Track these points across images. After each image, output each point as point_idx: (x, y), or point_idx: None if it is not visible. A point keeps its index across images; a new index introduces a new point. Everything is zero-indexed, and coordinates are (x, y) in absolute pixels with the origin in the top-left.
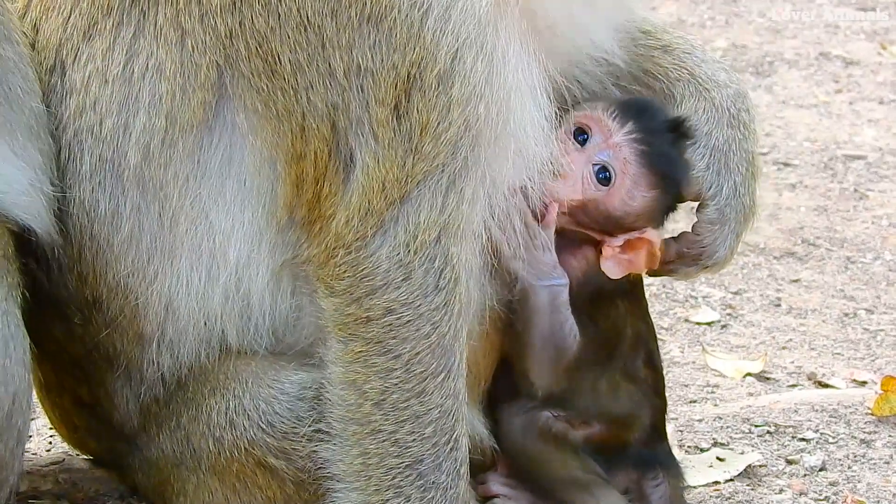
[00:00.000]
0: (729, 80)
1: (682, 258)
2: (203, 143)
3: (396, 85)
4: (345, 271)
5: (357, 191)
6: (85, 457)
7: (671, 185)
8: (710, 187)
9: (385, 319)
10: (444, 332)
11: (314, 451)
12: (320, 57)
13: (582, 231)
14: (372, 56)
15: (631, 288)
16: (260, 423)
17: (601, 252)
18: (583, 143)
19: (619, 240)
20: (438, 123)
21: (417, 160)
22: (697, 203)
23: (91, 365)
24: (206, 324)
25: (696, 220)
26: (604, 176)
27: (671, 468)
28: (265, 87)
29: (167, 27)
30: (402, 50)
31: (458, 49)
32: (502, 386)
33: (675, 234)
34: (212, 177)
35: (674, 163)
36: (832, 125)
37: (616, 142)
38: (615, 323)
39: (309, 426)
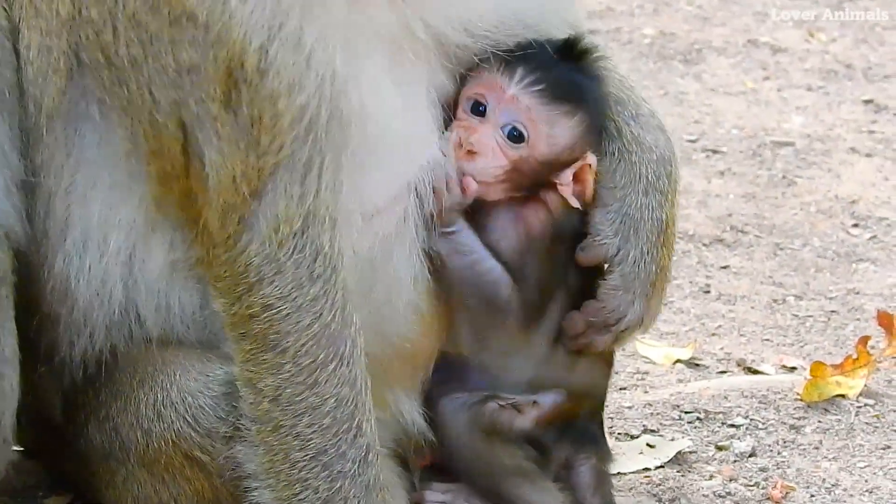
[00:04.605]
0: (655, 144)
1: (591, 327)
2: (70, 131)
3: (223, 79)
4: (224, 271)
5: (215, 188)
6: (14, 448)
7: (588, 105)
8: (617, 252)
9: (265, 315)
10: (327, 322)
11: (231, 453)
12: (151, 53)
13: (532, 189)
14: (194, 51)
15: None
16: (186, 416)
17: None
18: (483, 113)
19: (567, 174)
20: (270, 115)
21: (262, 153)
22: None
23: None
24: (111, 309)
25: None
26: (515, 134)
27: (601, 444)
28: (108, 80)
29: (28, 5)
30: (218, 44)
31: (263, 42)
32: (442, 380)
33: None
34: (88, 166)
35: (578, 85)
36: (760, 112)
37: (511, 95)
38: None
39: (230, 426)
